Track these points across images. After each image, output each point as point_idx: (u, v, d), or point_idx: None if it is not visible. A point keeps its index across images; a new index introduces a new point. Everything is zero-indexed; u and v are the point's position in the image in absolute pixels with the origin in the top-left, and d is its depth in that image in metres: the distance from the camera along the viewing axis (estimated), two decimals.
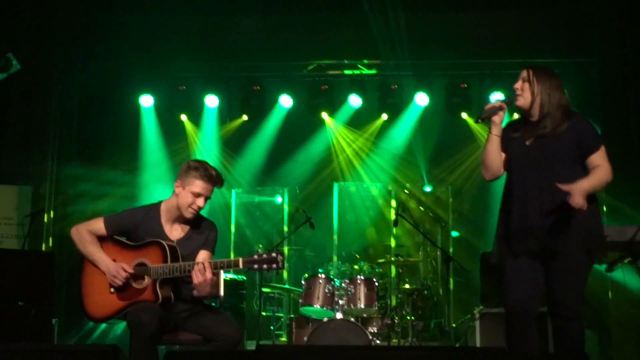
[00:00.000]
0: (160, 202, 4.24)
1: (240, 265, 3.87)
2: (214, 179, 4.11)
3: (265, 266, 3.82)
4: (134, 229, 4.14)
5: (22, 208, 6.95)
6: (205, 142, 9.43)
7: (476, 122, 3.93)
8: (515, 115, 4.32)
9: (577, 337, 3.60)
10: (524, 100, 3.76)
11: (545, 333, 5.26)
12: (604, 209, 7.16)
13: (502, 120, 3.82)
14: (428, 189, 9.41)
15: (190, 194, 4.07)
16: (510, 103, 3.84)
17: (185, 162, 4.21)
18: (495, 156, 3.82)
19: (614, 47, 7.36)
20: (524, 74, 3.80)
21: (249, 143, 9.35)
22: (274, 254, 3.82)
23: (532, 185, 3.67)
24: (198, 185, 4.07)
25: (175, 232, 4.18)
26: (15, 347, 3.70)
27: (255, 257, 3.84)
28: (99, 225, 4.15)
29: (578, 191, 3.49)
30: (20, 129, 7.36)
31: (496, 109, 3.78)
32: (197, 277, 3.87)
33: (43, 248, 7.09)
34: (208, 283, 3.89)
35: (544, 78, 3.75)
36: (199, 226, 4.22)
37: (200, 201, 4.09)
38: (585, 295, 6.15)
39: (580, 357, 3.57)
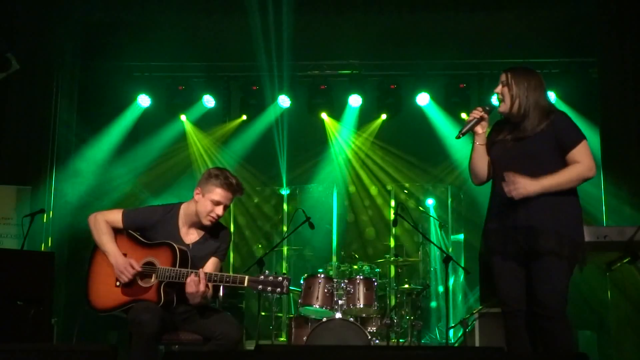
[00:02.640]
0: (180, 204, 4.24)
1: (245, 284, 3.88)
2: (234, 187, 4.12)
3: (269, 289, 3.84)
4: (150, 227, 4.15)
5: (21, 208, 6.94)
6: (204, 142, 9.44)
7: (457, 137, 3.90)
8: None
9: (560, 336, 3.59)
10: (505, 106, 3.78)
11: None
12: (604, 208, 7.17)
13: (484, 129, 3.85)
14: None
15: (209, 201, 4.08)
16: (490, 110, 3.86)
17: (206, 169, 4.23)
18: (481, 163, 3.86)
19: (614, 47, 7.36)
20: (503, 77, 3.83)
21: (248, 143, 9.35)
22: (280, 278, 3.85)
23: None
24: (218, 193, 4.07)
25: (190, 235, 4.18)
26: (15, 347, 3.69)
27: (262, 277, 3.86)
28: (116, 217, 4.16)
29: (524, 184, 3.51)
30: (19, 129, 7.36)
31: (477, 121, 3.81)
32: (189, 288, 3.89)
33: (42, 248, 7.09)
34: (200, 295, 3.90)
35: (522, 79, 3.76)
36: (215, 232, 4.22)
37: (219, 209, 4.09)
38: (585, 295, 6.17)
39: (566, 356, 3.57)
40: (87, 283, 4.16)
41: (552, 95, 8.33)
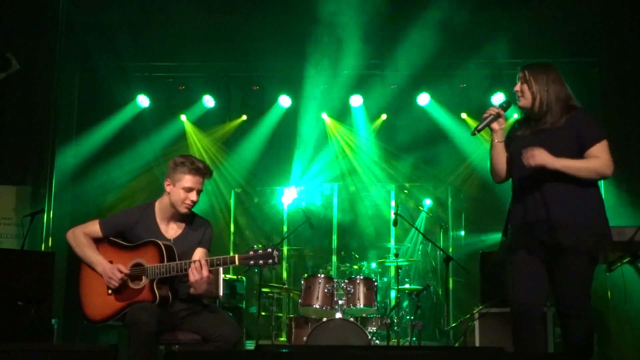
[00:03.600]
0: (154, 202, 4.24)
1: (237, 262, 3.88)
2: (202, 171, 4.12)
3: (261, 262, 3.82)
4: (129, 230, 4.15)
5: (21, 208, 6.95)
6: (204, 142, 9.44)
7: (473, 134, 3.88)
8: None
9: (584, 335, 3.60)
10: (525, 101, 3.77)
11: (545, 333, 5.26)
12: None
13: (502, 126, 3.83)
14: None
15: (181, 190, 4.08)
16: (507, 107, 3.85)
17: (171, 159, 4.21)
18: (501, 161, 3.84)
19: (614, 47, 7.36)
20: (521, 74, 3.80)
21: (248, 143, 9.35)
22: (269, 250, 3.82)
23: (531, 181, 3.66)
24: (187, 179, 4.08)
25: (171, 230, 4.19)
26: (15, 347, 3.69)
27: (251, 253, 3.85)
28: (94, 227, 4.17)
29: (539, 152, 3.51)
30: (19, 129, 7.36)
31: (494, 117, 3.79)
32: (193, 275, 3.88)
33: (42, 248, 7.08)
34: (204, 281, 3.90)
35: (541, 74, 3.75)
36: (194, 224, 4.23)
37: (192, 195, 4.10)
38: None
39: (588, 355, 3.57)
40: (80, 298, 4.16)
41: None
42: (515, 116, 4.09)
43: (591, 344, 3.62)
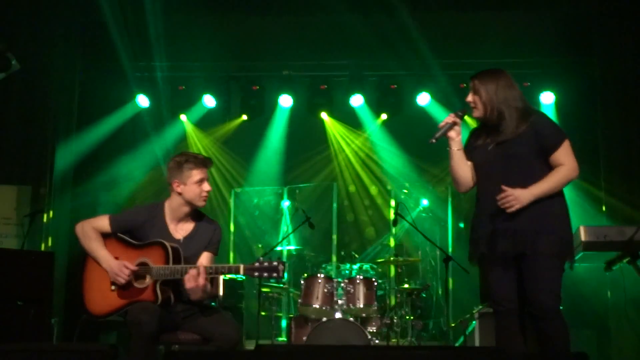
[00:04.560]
0: (163, 202, 4.25)
1: (241, 272, 3.90)
2: (205, 161, 4.21)
3: (265, 274, 3.84)
4: (138, 228, 4.16)
5: (21, 208, 6.95)
6: (204, 142, 9.44)
7: (430, 142, 3.90)
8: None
9: (556, 335, 3.60)
10: (478, 111, 3.79)
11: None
12: (604, 208, 7.16)
13: (459, 134, 3.86)
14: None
15: (194, 185, 4.12)
16: (463, 115, 3.87)
17: (170, 161, 4.23)
18: (462, 169, 3.88)
19: (614, 47, 7.36)
20: (471, 84, 3.80)
21: (248, 143, 9.35)
22: (274, 263, 3.85)
23: (495, 190, 3.66)
24: (196, 173, 4.14)
25: (180, 231, 4.20)
26: (15, 347, 3.69)
27: (257, 264, 3.86)
28: (103, 222, 4.17)
29: (516, 196, 3.55)
30: (19, 129, 7.36)
31: (450, 125, 3.82)
32: (189, 282, 3.89)
33: (42, 248, 7.09)
34: (200, 289, 3.90)
35: (489, 82, 3.74)
36: (203, 225, 4.25)
37: (206, 186, 4.17)
38: (585, 295, 6.16)
39: (564, 356, 3.58)
40: (83, 291, 4.16)
41: (551, 96, 8.33)
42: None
43: (567, 345, 3.62)
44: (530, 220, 3.61)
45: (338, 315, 6.32)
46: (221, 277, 4.84)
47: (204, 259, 4.14)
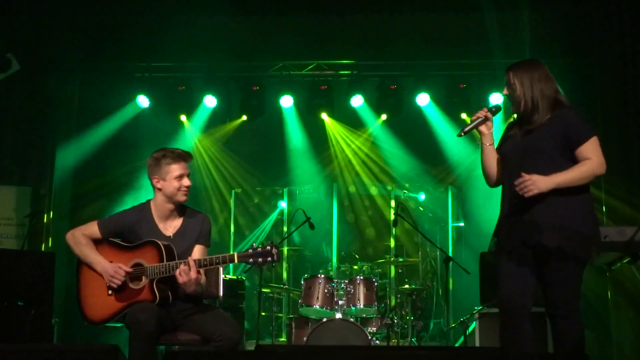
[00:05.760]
0: (148, 201, 4.25)
1: (236, 260, 3.90)
2: (184, 155, 4.19)
3: (260, 259, 3.83)
4: (128, 230, 4.16)
5: (21, 208, 6.95)
6: (204, 142, 9.43)
7: (459, 135, 3.84)
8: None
9: (574, 336, 3.54)
10: (515, 106, 3.71)
11: (544, 333, 5.26)
12: (604, 209, 7.17)
13: (490, 129, 3.79)
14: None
15: (173, 180, 4.11)
16: (496, 112, 3.81)
17: (149, 158, 4.22)
18: (492, 163, 3.80)
19: (613, 47, 7.36)
20: (506, 77, 3.74)
21: (248, 143, 9.35)
22: (268, 247, 3.83)
23: (515, 179, 3.57)
24: (175, 168, 4.12)
25: (169, 228, 4.19)
26: (15, 347, 3.69)
27: (250, 251, 3.86)
28: (93, 228, 4.18)
29: (534, 180, 3.43)
30: (19, 129, 7.36)
31: (482, 121, 3.76)
32: (181, 277, 3.89)
33: (42, 248, 7.10)
34: (193, 282, 3.91)
35: (524, 74, 3.67)
36: (192, 218, 4.25)
37: (185, 181, 4.14)
38: (585, 295, 6.11)
39: (579, 356, 3.54)
40: (80, 299, 4.16)
41: None
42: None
43: (582, 346, 3.57)
44: (551, 214, 3.52)
45: (338, 315, 6.32)
46: (221, 277, 4.82)
47: (197, 252, 4.14)
